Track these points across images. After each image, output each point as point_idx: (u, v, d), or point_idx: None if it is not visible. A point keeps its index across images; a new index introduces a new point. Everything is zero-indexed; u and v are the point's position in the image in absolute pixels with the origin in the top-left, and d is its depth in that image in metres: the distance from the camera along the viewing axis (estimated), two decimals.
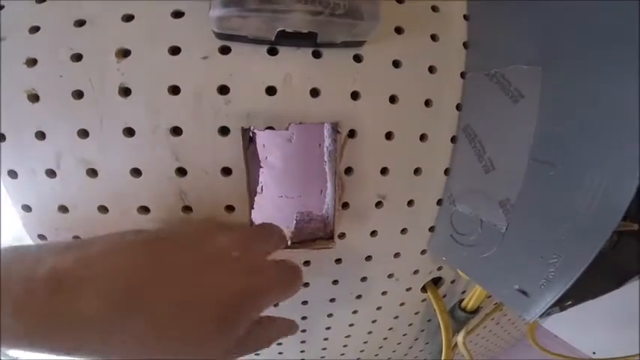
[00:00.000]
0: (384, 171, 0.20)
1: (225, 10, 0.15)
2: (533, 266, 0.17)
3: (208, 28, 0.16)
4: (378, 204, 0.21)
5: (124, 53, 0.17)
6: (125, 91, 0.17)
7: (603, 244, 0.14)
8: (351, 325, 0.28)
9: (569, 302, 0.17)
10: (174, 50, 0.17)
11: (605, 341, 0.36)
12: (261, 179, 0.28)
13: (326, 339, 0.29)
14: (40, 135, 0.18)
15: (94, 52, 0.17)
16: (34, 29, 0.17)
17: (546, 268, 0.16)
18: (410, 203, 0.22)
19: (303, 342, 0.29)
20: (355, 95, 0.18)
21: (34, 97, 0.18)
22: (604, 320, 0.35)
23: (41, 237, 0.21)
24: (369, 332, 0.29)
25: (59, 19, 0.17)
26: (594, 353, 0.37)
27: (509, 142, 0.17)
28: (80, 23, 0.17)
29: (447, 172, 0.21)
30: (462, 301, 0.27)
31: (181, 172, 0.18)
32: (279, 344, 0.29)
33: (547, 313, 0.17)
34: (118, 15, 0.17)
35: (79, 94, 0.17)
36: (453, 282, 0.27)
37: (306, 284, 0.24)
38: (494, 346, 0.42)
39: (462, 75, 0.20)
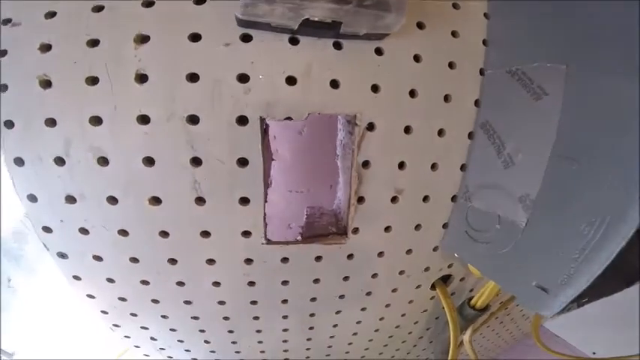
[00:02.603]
0: (401, 165, 0.20)
1: None
2: (553, 262, 0.16)
3: (230, 16, 0.16)
4: (394, 199, 0.21)
5: (142, 39, 0.17)
6: (141, 78, 0.17)
7: (627, 240, 0.14)
8: (359, 322, 0.28)
9: (586, 299, 0.17)
10: (195, 37, 0.17)
11: (606, 341, 0.37)
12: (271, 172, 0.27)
13: (332, 337, 0.28)
14: (51, 122, 0.18)
15: (112, 37, 0.17)
16: (50, 14, 0.17)
17: (567, 264, 0.16)
18: (425, 199, 0.22)
19: (309, 339, 0.29)
20: (375, 88, 0.18)
21: (46, 84, 0.17)
22: (604, 320, 0.36)
23: (46, 229, 0.20)
24: (376, 330, 0.29)
25: (77, 5, 0.17)
26: (594, 353, 0.38)
27: (530, 139, 0.17)
28: (99, 9, 0.17)
29: (462, 167, 0.21)
30: (471, 298, 0.27)
31: (196, 161, 0.18)
32: (285, 341, 0.29)
33: (566, 309, 0.17)
34: (139, 1, 0.17)
35: (93, 81, 0.17)
36: (462, 280, 0.27)
37: (317, 280, 0.23)
38: (495, 347, 0.42)
39: (481, 72, 0.20)
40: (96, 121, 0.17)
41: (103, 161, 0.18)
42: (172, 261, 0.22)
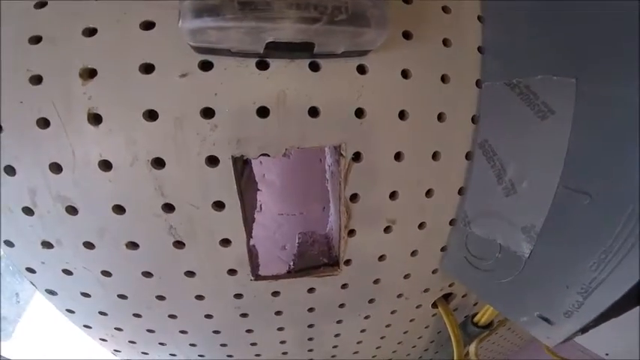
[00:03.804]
0: (392, 195, 0.18)
1: (198, 21, 0.12)
2: (557, 295, 0.15)
3: (185, 40, 0.14)
4: (387, 229, 0.19)
5: (90, 73, 0.15)
6: (95, 118, 0.15)
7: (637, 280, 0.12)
8: (359, 342, 0.27)
9: (592, 324, 0.16)
10: (147, 68, 0.15)
11: (619, 342, 0.36)
12: (259, 198, 0.26)
13: (334, 356, 0.28)
14: (10, 170, 0.16)
15: (55, 73, 0.15)
16: None
17: (572, 298, 0.15)
18: (421, 226, 0.20)
19: None
20: (360, 113, 0.16)
21: None
22: (617, 320, 0.35)
23: (29, 269, 0.20)
24: (378, 347, 0.29)
25: (11, 36, 0.15)
26: (607, 355, 0.37)
27: (535, 165, 0.15)
28: (36, 40, 0.15)
29: (460, 191, 0.20)
30: (474, 315, 0.26)
31: (169, 207, 0.17)
32: None
33: (570, 338, 0.16)
34: (78, 29, 0.15)
35: (45, 123, 0.15)
36: (464, 296, 0.26)
37: (311, 309, 0.23)
38: (505, 349, 0.42)
39: (478, 83, 0.18)
40: (57, 168, 0.16)
41: (72, 210, 0.17)
42: (161, 297, 0.21)
